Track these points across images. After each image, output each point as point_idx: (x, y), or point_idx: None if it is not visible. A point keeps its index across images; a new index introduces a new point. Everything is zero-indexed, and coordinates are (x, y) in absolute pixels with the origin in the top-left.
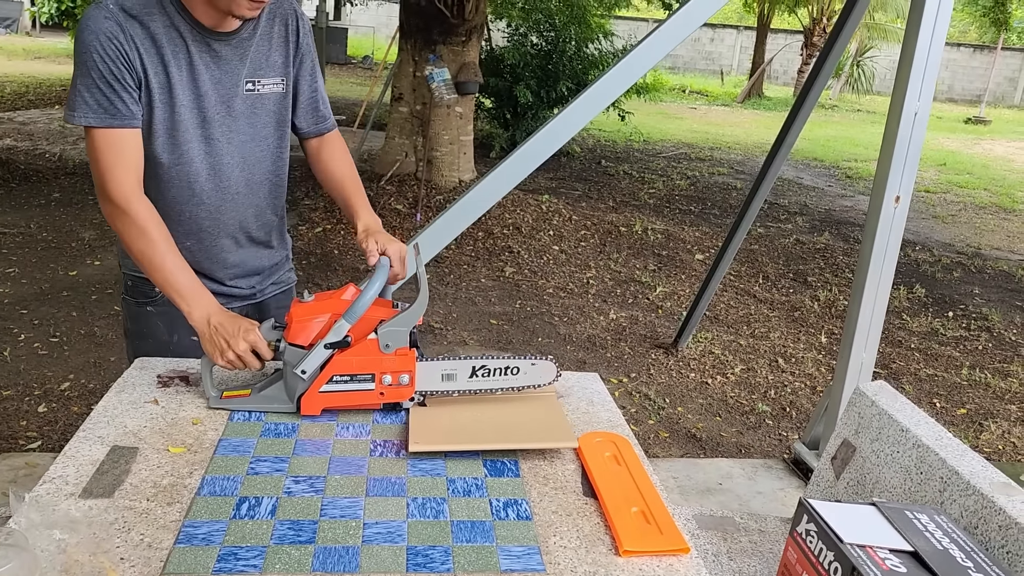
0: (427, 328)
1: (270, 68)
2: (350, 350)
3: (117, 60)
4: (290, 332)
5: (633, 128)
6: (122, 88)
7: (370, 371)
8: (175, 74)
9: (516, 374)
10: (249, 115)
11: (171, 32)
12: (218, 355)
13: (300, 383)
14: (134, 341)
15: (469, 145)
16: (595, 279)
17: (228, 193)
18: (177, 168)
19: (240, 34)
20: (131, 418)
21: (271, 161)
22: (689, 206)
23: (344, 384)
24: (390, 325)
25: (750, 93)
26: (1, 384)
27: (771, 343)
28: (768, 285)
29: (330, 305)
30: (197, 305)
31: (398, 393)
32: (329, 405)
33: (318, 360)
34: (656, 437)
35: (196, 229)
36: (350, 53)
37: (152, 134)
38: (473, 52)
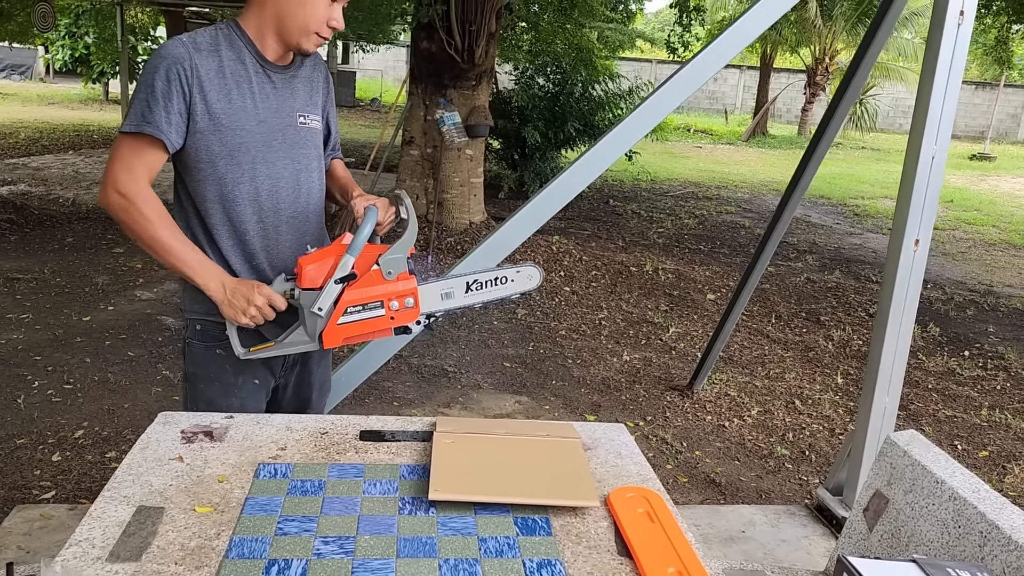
0: (440, 372)
1: (313, 107)
2: (358, 282)
3: (172, 82)
4: (302, 278)
5: (640, 168)
6: (166, 106)
7: (379, 298)
8: (238, 101)
9: (505, 283)
10: (302, 145)
11: (237, 64)
12: (239, 314)
13: (319, 320)
14: (197, 385)
15: (479, 187)
16: (607, 320)
17: (283, 216)
18: (240, 187)
19: (291, 70)
20: (156, 476)
21: (317, 191)
22: (699, 245)
23: (358, 314)
24: (388, 254)
25: (755, 131)
26: (15, 432)
27: (787, 384)
28: (781, 325)
29: (332, 250)
30: (211, 276)
31: (406, 315)
32: (348, 335)
33: (331, 296)
34: (675, 482)
35: (254, 251)
36: (358, 96)
37: (217, 155)
38: (483, 96)
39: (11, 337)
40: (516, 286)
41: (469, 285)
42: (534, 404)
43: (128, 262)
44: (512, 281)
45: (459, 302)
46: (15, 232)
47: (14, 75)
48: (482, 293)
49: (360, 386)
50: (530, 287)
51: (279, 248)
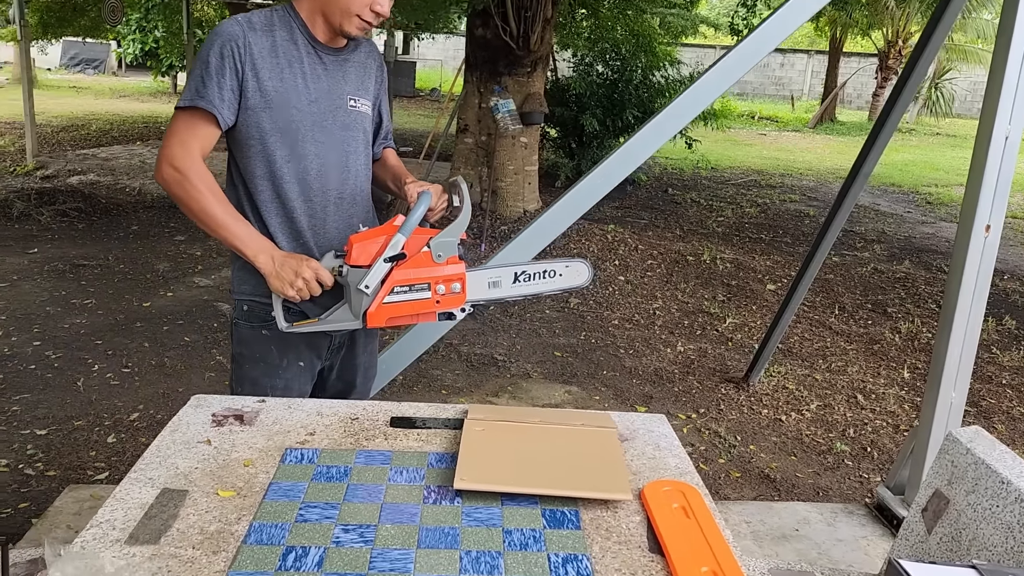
0: (490, 360)
1: (364, 92)
2: (407, 262)
3: (226, 58)
4: (351, 255)
5: (700, 156)
6: (219, 82)
7: (426, 280)
8: (290, 79)
9: (554, 277)
10: (352, 128)
11: (289, 44)
12: (287, 287)
13: (365, 298)
14: (243, 366)
15: (534, 175)
16: (662, 310)
17: (331, 196)
18: (289, 164)
19: (343, 53)
20: (183, 459)
21: (364, 175)
22: (759, 234)
23: (404, 295)
24: (441, 236)
25: (822, 118)
26: (73, 414)
27: (849, 378)
28: (845, 316)
29: (383, 229)
30: (260, 249)
31: (452, 301)
32: (393, 315)
33: (379, 274)
34: (727, 477)
35: (301, 230)
36: (418, 86)
37: (268, 132)
38: (538, 83)
39: (75, 322)
40: (564, 281)
41: (517, 276)
42: (584, 394)
43: (188, 249)
44: (560, 276)
45: (505, 292)
46: (83, 220)
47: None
48: (529, 285)
49: (409, 373)
50: (579, 283)
51: (326, 228)
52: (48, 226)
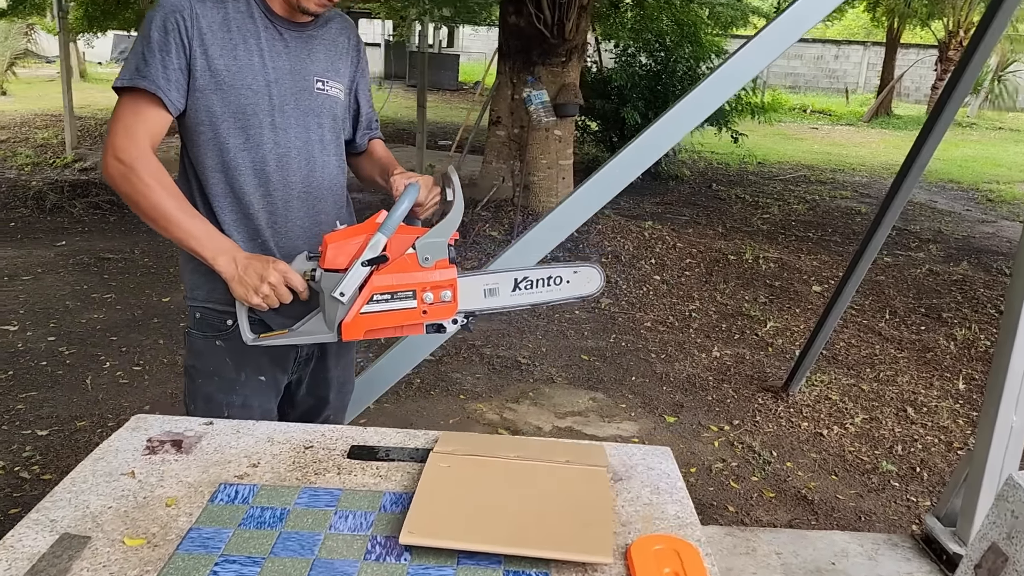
0: (513, 363)
1: (335, 74)
2: (389, 266)
3: (170, 33)
4: (326, 258)
5: (747, 150)
6: (163, 59)
7: (411, 287)
8: (244, 57)
9: (559, 284)
10: (317, 113)
11: (244, 18)
12: (251, 293)
13: (340, 307)
14: (196, 380)
15: (568, 170)
16: (698, 312)
17: (294, 191)
18: (244, 153)
19: (308, 29)
20: (97, 495)
21: (335, 167)
22: (807, 232)
23: (385, 303)
24: (427, 237)
25: (878, 111)
26: (77, 414)
27: (899, 389)
28: (896, 321)
29: (363, 228)
30: (220, 249)
31: (441, 311)
32: (372, 327)
33: (357, 279)
34: (760, 497)
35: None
36: (462, 79)
37: (219, 117)
38: (574, 73)
39: (92, 316)
40: (572, 289)
41: (517, 282)
42: (609, 402)
43: None
44: (568, 283)
45: (504, 301)
46: (115, 213)
47: None
48: (531, 294)
49: (427, 376)
50: (589, 291)
51: (288, 227)
52: (80, 218)
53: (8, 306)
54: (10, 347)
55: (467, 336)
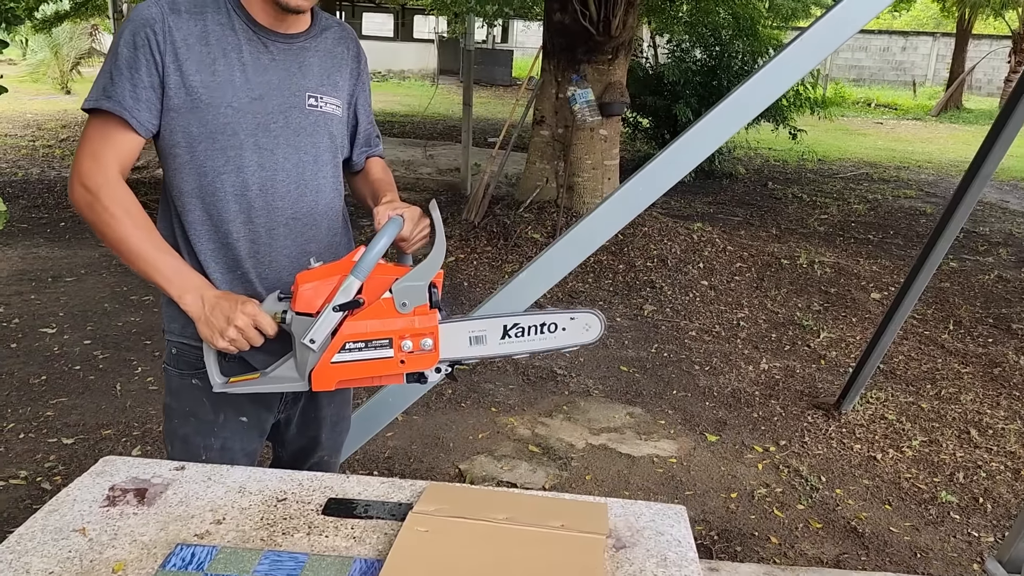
0: (548, 374)
1: (332, 87)
2: (363, 312)
3: (140, 49)
4: (296, 300)
5: (806, 147)
6: (132, 77)
7: (387, 335)
8: (224, 73)
9: (554, 331)
10: (310, 132)
11: (224, 30)
12: (217, 336)
13: (310, 355)
14: (173, 420)
15: (614, 170)
16: (747, 320)
17: (280, 217)
18: (223, 178)
19: (299, 40)
20: (40, 556)
21: (330, 190)
22: (867, 234)
23: (359, 352)
24: (405, 280)
25: (947, 105)
26: (104, 422)
27: (962, 408)
28: (961, 333)
29: (338, 268)
30: (187, 287)
31: (421, 360)
32: (345, 377)
33: (328, 326)
34: (806, 528)
35: (239, 258)
36: (516, 75)
37: (196, 138)
38: (620, 71)
39: (128, 319)
40: (568, 337)
41: (507, 329)
42: (648, 417)
43: None
44: (564, 330)
45: (492, 350)
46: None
47: None
48: (522, 342)
49: (458, 388)
50: (586, 339)
51: (273, 257)
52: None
53: (49, 308)
54: (46, 350)
55: None
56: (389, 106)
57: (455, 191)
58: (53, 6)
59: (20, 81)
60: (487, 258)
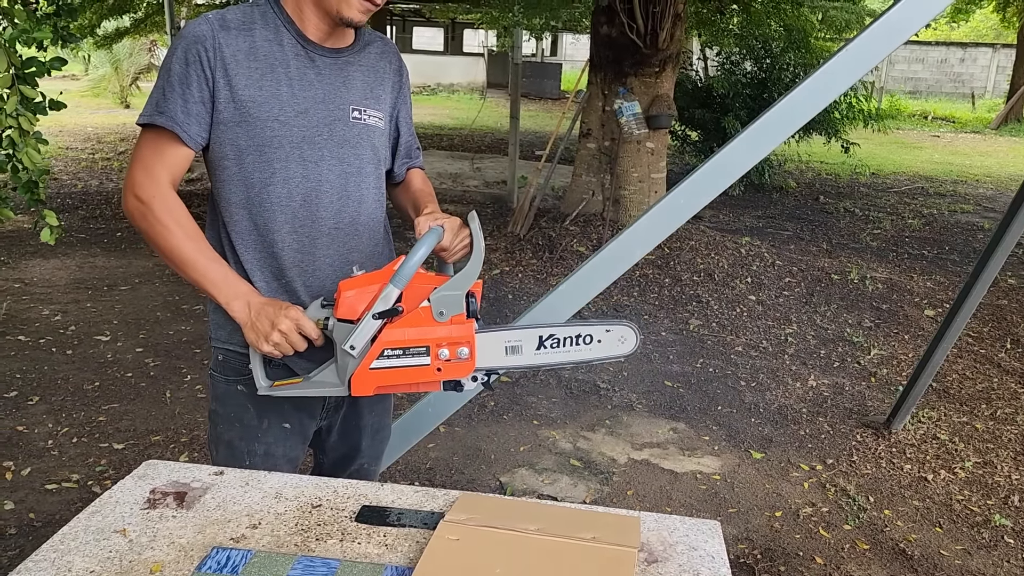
0: (592, 388)
1: (375, 101)
2: (402, 319)
3: (191, 65)
4: (338, 307)
5: (859, 160)
6: (183, 93)
7: (424, 343)
8: (271, 87)
9: (589, 343)
10: (354, 144)
11: (273, 46)
12: (262, 340)
13: (350, 360)
14: (218, 426)
15: (661, 183)
16: (795, 336)
17: (324, 227)
18: (270, 189)
19: (344, 54)
20: (83, 556)
21: (372, 202)
22: (921, 249)
23: (397, 359)
24: (443, 290)
25: (1007, 118)
26: (154, 428)
27: (1018, 429)
28: (1018, 352)
29: (379, 276)
30: (235, 294)
31: (457, 369)
32: (383, 383)
33: (368, 333)
34: (852, 549)
35: (283, 267)
36: (564, 88)
37: (244, 150)
38: (667, 84)
39: (180, 328)
40: (604, 349)
41: (542, 340)
42: (692, 433)
43: None
44: (599, 342)
45: (528, 360)
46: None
47: None
48: (558, 353)
49: (500, 399)
50: (622, 352)
51: (316, 266)
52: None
53: (104, 316)
54: (100, 357)
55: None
56: (438, 119)
57: (501, 203)
58: (114, 23)
59: (82, 95)
60: (532, 271)
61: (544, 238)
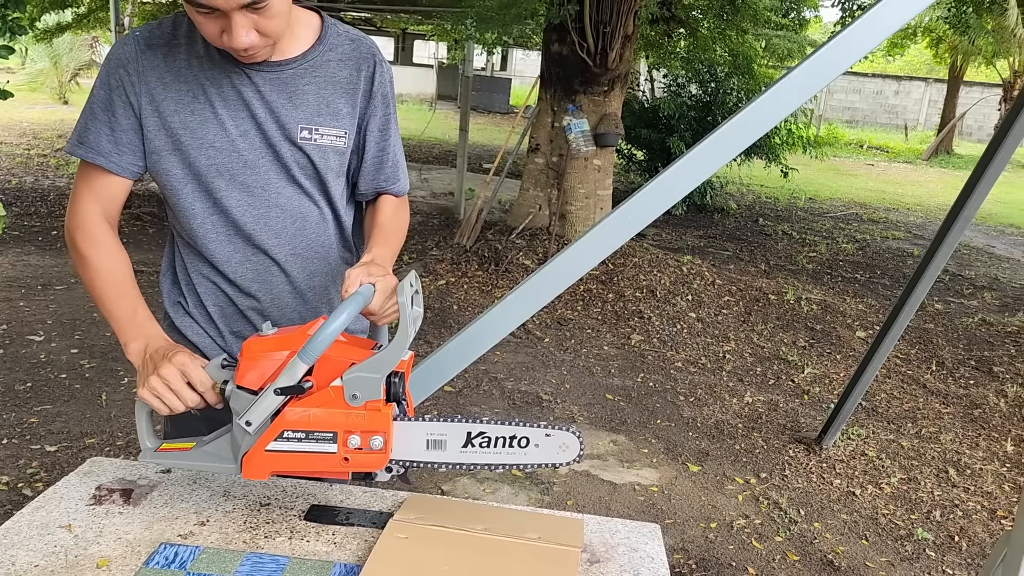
0: (534, 399)
1: (331, 117)
2: (309, 398)
3: (115, 91)
4: (239, 372)
5: (797, 185)
6: (109, 121)
7: (331, 428)
8: (204, 111)
9: (525, 447)
10: (304, 166)
11: (203, 63)
12: (141, 387)
13: (246, 437)
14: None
15: (607, 200)
16: (733, 354)
17: (279, 254)
18: (214, 219)
19: (291, 66)
20: (26, 550)
21: (330, 224)
22: (854, 273)
23: (298, 443)
24: (357, 370)
25: (937, 150)
26: (88, 430)
27: (941, 447)
28: (943, 374)
29: (292, 340)
30: (135, 336)
31: (368, 461)
32: (279, 469)
33: (267, 409)
34: (783, 560)
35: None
36: (513, 103)
37: (180, 181)
38: (615, 103)
39: None
40: (541, 455)
41: (471, 437)
42: (631, 446)
43: None
44: (536, 447)
45: (451, 458)
46: (153, 225)
47: None
48: (487, 454)
49: (444, 408)
50: (560, 460)
51: (274, 295)
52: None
53: (37, 316)
54: (33, 357)
55: (489, 367)
56: None
57: (449, 215)
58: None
59: (18, 89)
60: (477, 282)
61: (490, 250)
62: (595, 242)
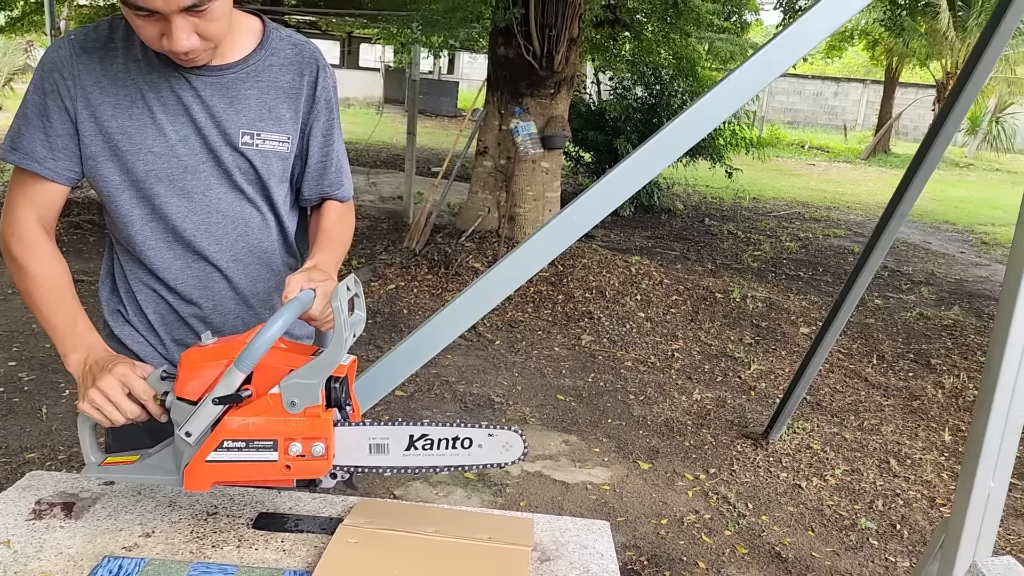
0: (486, 401)
1: (274, 122)
2: (247, 406)
3: (49, 96)
4: (178, 382)
5: (741, 185)
6: (44, 126)
7: (271, 436)
8: (142, 116)
9: (468, 447)
10: (246, 172)
11: (140, 67)
12: (81, 399)
13: (187, 449)
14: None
15: (555, 202)
16: (681, 352)
17: (220, 261)
18: (152, 226)
19: (232, 70)
20: None
21: (274, 230)
22: (798, 271)
23: (239, 452)
24: (295, 376)
25: (875, 149)
26: (28, 445)
27: (882, 439)
28: (883, 367)
29: (231, 348)
30: (75, 346)
31: (310, 468)
32: (222, 479)
33: (206, 419)
34: (732, 553)
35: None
36: (461, 106)
37: (117, 187)
38: (562, 105)
39: None
40: (485, 455)
41: (413, 440)
42: (583, 445)
43: None
44: (480, 447)
45: (395, 461)
46: (94, 234)
47: None
48: (432, 455)
49: (395, 412)
50: (505, 459)
51: (216, 301)
52: (59, 237)
53: None
54: None
55: (440, 371)
56: None
57: (397, 219)
58: None
59: None
60: (428, 286)
61: (440, 254)
62: (543, 243)
